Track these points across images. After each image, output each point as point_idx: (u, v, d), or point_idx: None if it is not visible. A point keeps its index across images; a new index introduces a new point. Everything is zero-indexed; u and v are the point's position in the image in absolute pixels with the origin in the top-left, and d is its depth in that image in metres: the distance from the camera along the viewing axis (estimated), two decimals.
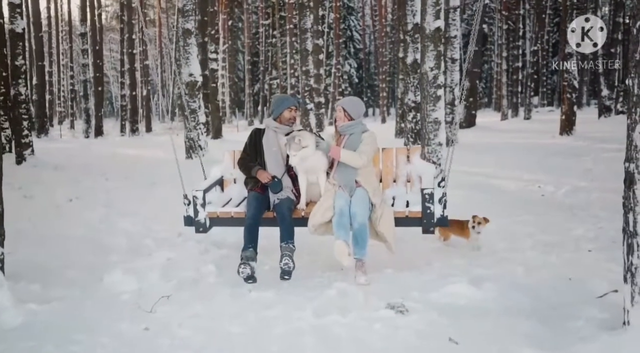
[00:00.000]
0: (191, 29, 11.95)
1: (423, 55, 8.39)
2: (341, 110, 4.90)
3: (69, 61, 34.63)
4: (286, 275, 4.39)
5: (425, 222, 4.63)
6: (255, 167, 4.97)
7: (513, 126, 21.59)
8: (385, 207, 4.69)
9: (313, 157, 4.71)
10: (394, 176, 5.21)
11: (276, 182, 4.84)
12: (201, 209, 4.93)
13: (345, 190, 4.71)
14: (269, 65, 35.96)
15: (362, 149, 4.76)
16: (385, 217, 4.59)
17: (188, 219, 5.03)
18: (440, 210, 4.64)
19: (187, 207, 5.02)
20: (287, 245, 4.51)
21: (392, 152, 5.23)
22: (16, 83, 12.71)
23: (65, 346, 3.33)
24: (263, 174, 4.89)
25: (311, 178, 4.89)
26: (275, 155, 4.99)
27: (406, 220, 4.68)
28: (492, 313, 3.77)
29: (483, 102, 43.18)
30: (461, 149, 13.51)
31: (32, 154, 12.72)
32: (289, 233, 4.57)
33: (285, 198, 4.83)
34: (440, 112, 8.45)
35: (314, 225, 4.63)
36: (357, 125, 4.90)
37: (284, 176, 4.95)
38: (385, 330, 3.52)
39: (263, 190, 4.90)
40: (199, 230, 4.98)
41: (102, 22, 29.00)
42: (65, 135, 28.13)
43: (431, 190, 4.58)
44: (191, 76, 11.83)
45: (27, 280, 4.50)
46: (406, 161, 5.19)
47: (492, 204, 7.62)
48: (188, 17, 11.97)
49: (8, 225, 6.54)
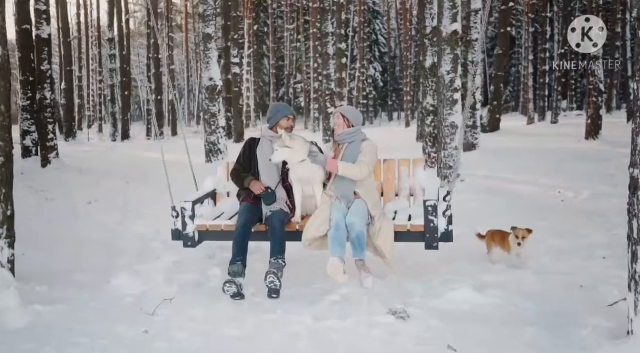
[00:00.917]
0: (211, 33, 12.06)
1: (439, 59, 8.32)
2: (340, 116, 4.63)
3: (98, 66, 35.25)
4: (273, 293, 4.15)
5: (427, 236, 4.25)
6: (248, 177, 4.70)
7: (538, 130, 21.25)
8: (384, 220, 4.38)
9: (308, 167, 4.44)
10: (395, 189, 4.89)
11: (269, 193, 4.57)
12: (189, 222, 4.62)
13: (343, 202, 4.43)
14: (294, 69, 36.10)
15: (361, 159, 4.46)
16: (384, 230, 4.29)
17: (175, 232, 4.69)
18: (444, 223, 4.27)
19: (175, 220, 4.67)
20: (276, 260, 4.23)
21: (393, 163, 4.91)
22: (41, 87, 12.99)
23: (64, 348, 3.36)
24: (256, 184, 4.62)
25: (307, 190, 4.59)
26: (270, 166, 4.69)
27: (407, 234, 4.33)
28: (495, 320, 3.70)
29: (510, 105, 42.61)
30: (482, 153, 13.43)
31: (56, 156, 12.97)
32: (279, 248, 4.30)
33: (278, 211, 4.54)
34: (456, 116, 8.36)
35: (308, 239, 4.35)
36: (356, 133, 4.60)
37: (278, 187, 4.69)
38: (383, 335, 3.48)
39: (256, 202, 4.63)
40: (187, 244, 4.66)
41: (129, 28, 29.48)
42: (93, 138, 28.63)
43: (434, 202, 4.20)
44: (211, 80, 11.93)
45: (36, 281, 4.58)
46: (409, 173, 4.87)
47: (507, 209, 7.53)
48: (208, 22, 12.09)
49: (25, 227, 6.69)
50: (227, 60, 19.85)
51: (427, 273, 4.67)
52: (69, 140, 22.62)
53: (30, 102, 13.73)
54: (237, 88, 20.41)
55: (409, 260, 4.95)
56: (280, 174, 4.71)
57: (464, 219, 6.97)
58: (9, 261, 4.43)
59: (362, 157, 4.46)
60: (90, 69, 38.34)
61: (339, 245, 4.19)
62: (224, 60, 20.34)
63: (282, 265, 4.24)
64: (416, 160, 4.91)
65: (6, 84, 4.36)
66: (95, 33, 35.08)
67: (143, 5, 36.82)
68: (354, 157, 4.47)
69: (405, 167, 4.88)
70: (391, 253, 4.29)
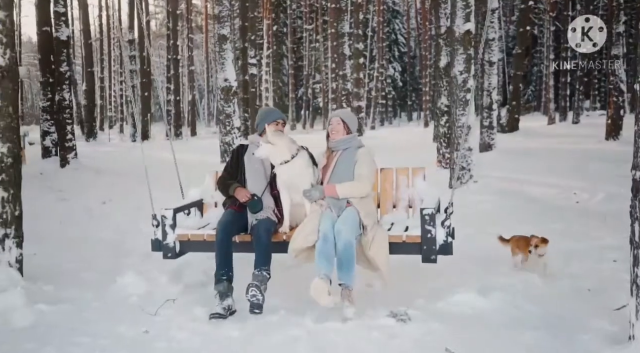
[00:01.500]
0: (226, 34, 12.13)
1: (452, 59, 8.26)
2: (340, 122, 4.27)
3: (119, 67, 35.69)
4: (256, 309, 3.81)
5: (425, 248, 3.88)
6: (233, 184, 4.39)
7: (559, 130, 20.97)
8: (378, 229, 4.01)
9: (293, 170, 4.13)
10: (393, 200, 4.51)
11: (255, 201, 4.25)
12: (170, 231, 4.32)
13: (334, 211, 4.04)
14: (312, 69, 36.14)
15: (359, 171, 4.11)
16: (377, 240, 3.90)
17: (155, 243, 4.39)
18: (443, 234, 3.92)
19: (156, 229, 4.39)
20: (260, 272, 3.92)
21: (391, 173, 4.53)
22: (60, 89, 13.19)
23: (65, 348, 3.41)
24: (241, 191, 4.31)
25: (295, 198, 4.24)
26: (257, 173, 4.41)
27: (403, 246, 3.97)
28: (496, 323, 3.66)
29: (532, 105, 42.10)
30: (498, 154, 13.29)
31: (75, 157, 13.16)
32: (263, 259, 3.99)
33: (265, 219, 4.21)
34: (470, 117, 8.27)
35: (295, 250, 3.97)
36: (353, 139, 4.27)
37: (266, 195, 4.36)
38: (382, 338, 3.47)
39: (241, 210, 4.31)
40: (167, 255, 4.34)
41: (150, 29, 29.80)
42: (114, 139, 29.01)
43: (432, 210, 3.85)
44: (226, 81, 12.00)
45: (43, 280, 4.64)
46: (408, 183, 4.48)
47: (520, 211, 7.45)
48: (224, 23, 12.17)
49: (38, 226, 6.80)
50: (245, 61, 19.93)
51: (432, 276, 4.63)
52: (90, 141, 22.96)
53: (50, 103, 13.96)
54: (254, 89, 20.47)
55: (414, 261, 4.91)
56: (269, 181, 4.42)
57: (474, 221, 6.94)
58: (17, 261, 4.50)
59: (359, 170, 4.11)
60: (112, 70, 38.83)
61: (326, 259, 3.80)
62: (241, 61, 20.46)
63: (267, 277, 3.94)
64: (415, 169, 4.51)
65: (14, 86, 4.43)
66: (117, 35, 35.52)
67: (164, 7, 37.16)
68: (348, 165, 4.14)
69: (404, 176, 4.50)
70: (386, 265, 3.89)
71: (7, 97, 4.36)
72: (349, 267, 3.80)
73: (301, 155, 4.22)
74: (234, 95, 12.09)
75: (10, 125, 4.40)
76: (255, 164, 4.42)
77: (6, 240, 4.41)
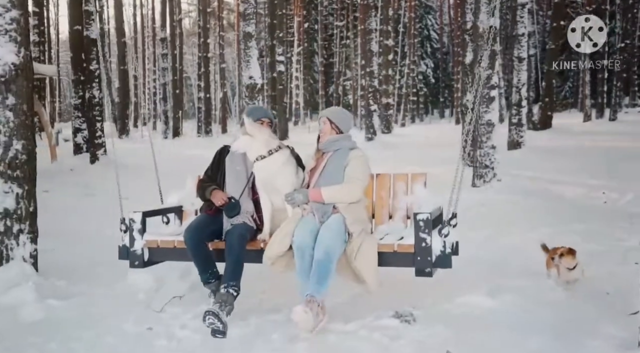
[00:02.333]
0: (251, 32, 12.14)
1: (476, 55, 8.10)
2: (327, 121, 3.91)
3: (153, 65, 36.24)
4: (217, 334, 3.41)
5: (419, 259, 3.40)
6: (210, 187, 4.04)
7: (594, 128, 20.44)
8: (366, 237, 3.57)
9: (270, 167, 3.79)
10: (389, 209, 4.02)
11: (232, 204, 3.89)
12: (138, 237, 3.96)
13: (317, 216, 3.63)
14: (343, 66, 36.02)
15: (350, 174, 3.71)
16: (364, 249, 3.46)
17: (123, 250, 4.04)
18: (440, 244, 3.43)
19: (124, 235, 4.02)
20: (226, 291, 3.55)
21: (388, 178, 4.06)
22: (90, 86, 13.45)
23: (68, 343, 3.45)
24: (217, 194, 3.95)
25: (277, 202, 3.85)
26: (238, 175, 4.06)
27: (394, 256, 3.50)
28: (503, 326, 3.56)
29: (569, 102, 41.11)
30: (527, 152, 13.04)
31: (104, 153, 13.41)
32: (232, 272, 3.61)
33: (240, 225, 3.84)
34: (493, 114, 8.13)
35: (270, 257, 3.60)
36: (344, 139, 3.90)
37: (245, 198, 3.99)
38: (383, 340, 3.40)
39: (216, 214, 3.99)
40: (134, 263, 4.00)
41: (182, 28, 30.17)
42: (146, 135, 29.44)
43: (427, 215, 3.37)
44: (251, 79, 12.00)
45: (57, 276, 4.70)
46: (406, 190, 4.00)
47: (544, 211, 7.28)
48: (249, 20, 12.19)
49: (61, 222, 6.95)
50: (273, 58, 19.99)
51: (442, 276, 4.52)
52: (123, 138, 23.37)
53: (82, 100, 14.27)
54: (282, 86, 20.51)
55: None
56: (250, 183, 4.04)
57: (494, 221, 6.81)
58: (32, 256, 4.58)
59: (350, 172, 3.72)
60: (147, 68, 39.48)
61: (308, 277, 3.45)
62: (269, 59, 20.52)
63: (233, 296, 3.57)
64: (415, 175, 4.02)
65: (28, 84, 4.51)
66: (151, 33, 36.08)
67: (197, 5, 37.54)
68: (338, 168, 3.74)
69: (402, 182, 4.03)
70: (372, 277, 3.47)
71: (21, 95, 4.44)
72: (321, 279, 3.41)
73: (282, 152, 3.87)
74: (259, 93, 12.11)
75: (24, 123, 4.48)
76: (237, 166, 4.09)
77: (20, 236, 4.49)
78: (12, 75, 4.38)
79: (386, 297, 4.14)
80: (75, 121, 14.83)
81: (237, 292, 3.60)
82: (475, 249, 5.65)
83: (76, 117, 14.72)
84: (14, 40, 4.38)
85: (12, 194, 4.42)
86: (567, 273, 4.20)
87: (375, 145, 16.61)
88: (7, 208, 4.41)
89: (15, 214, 4.45)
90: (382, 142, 17.17)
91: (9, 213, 4.41)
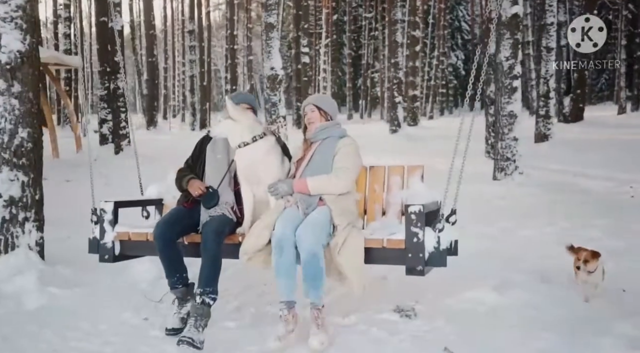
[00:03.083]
0: (273, 23, 12.06)
1: (498, 44, 7.87)
2: (314, 108, 3.60)
3: (182, 57, 36.54)
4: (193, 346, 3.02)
5: (410, 256, 3.06)
6: (187, 176, 3.73)
7: (628, 121, 19.78)
8: (352, 230, 3.21)
9: (257, 158, 3.47)
10: (383, 204, 3.67)
11: (210, 193, 3.56)
12: (109, 228, 3.65)
13: (300, 207, 3.33)
14: (371, 58, 35.73)
15: (338, 164, 3.42)
16: (350, 243, 3.12)
17: (93, 242, 3.72)
18: (433, 240, 3.08)
19: (94, 226, 3.73)
20: (201, 299, 3.17)
21: (381, 171, 3.72)
22: (115, 78, 13.57)
23: (62, 331, 3.42)
24: (195, 183, 3.63)
25: (259, 193, 3.53)
26: (219, 164, 3.71)
27: (383, 252, 3.16)
28: (508, 324, 3.42)
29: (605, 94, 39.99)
30: (555, 145, 12.68)
31: (128, 144, 13.53)
32: (208, 276, 3.23)
33: (217, 217, 3.48)
34: (516, 105, 7.89)
35: (247, 252, 3.27)
36: (333, 127, 3.60)
37: (225, 188, 3.63)
38: (381, 335, 3.30)
39: (193, 206, 3.64)
40: (104, 257, 3.69)
41: (210, 20, 30.30)
42: (174, 127, 29.73)
43: (419, 207, 3.04)
44: (272, 70, 11.95)
45: (65, 264, 4.68)
46: (402, 184, 3.66)
47: (566, 205, 7.06)
48: (271, 11, 12.10)
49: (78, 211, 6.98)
50: (298, 50, 19.88)
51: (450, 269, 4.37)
52: (150, 129, 23.59)
53: (108, 92, 14.42)
54: (307, 78, 20.40)
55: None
56: (230, 172, 3.69)
57: (513, 214, 6.62)
58: (37, 244, 4.58)
59: (339, 162, 3.43)
60: (176, 61, 39.82)
61: (286, 277, 3.15)
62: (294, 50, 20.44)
63: (209, 306, 3.20)
64: (412, 168, 3.67)
65: (34, 72, 4.50)
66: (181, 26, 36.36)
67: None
68: (326, 157, 3.46)
69: (397, 176, 3.69)
70: (357, 274, 3.12)
71: (27, 83, 4.44)
72: (315, 282, 3.12)
73: (266, 139, 3.54)
74: (280, 84, 12.05)
75: (30, 111, 4.48)
76: (218, 154, 3.74)
77: (26, 224, 4.49)
78: (18, 63, 4.38)
79: (389, 290, 4.04)
80: (101, 112, 15.02)
81: (214, 299, 3.24)
82: (490, 243, 5.50)
83: (102, 108, 14.90)
84: (20, 28, 4.38)
85: (17, 182, 4.42)
86: (587, 277, 3.80)
87: (399, 138, 16.40)
88: (13, 196, 4.41)
89: (21, 202, 4.45)
90: (406, 135, 16.92)
91: (14, 201, 4.42)
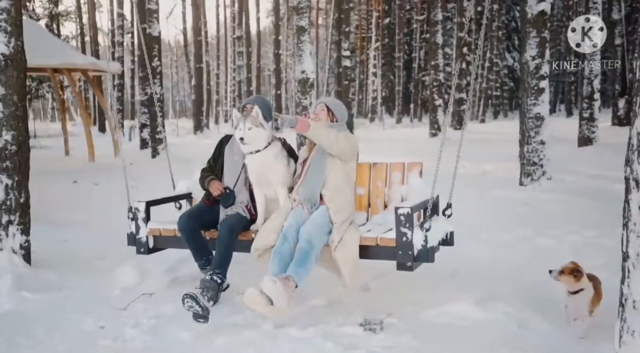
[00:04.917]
0: (305, 26, 11.94)
1: (524, 43, 7.44)
2: (324, 107, 3.89)
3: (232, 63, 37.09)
4: (199, 318, 3.50)
5: (400, 253, 3.32)
6: (208, 177, 4.13)
7: None
8: (349, 228, 3.50)
9: (265, 161, 3.82)
10: (384, 199, 3.98)
11: (228, 194, 3.97)
12: (142, 225, 4.17)
13: (306, 207, 3.65)
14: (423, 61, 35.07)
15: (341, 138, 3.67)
16: (345, 240, 3.41)
17: (131, 237, 4.25)
18: (421, 239, 3.31)
19: (131, 222, 4.23)
20: (210, 278, 3.63)
21: (383, 168, 4.02)
22: (152, 83, 13.76)
23: (15, 338, 3.34)
24: (214, 184, 4.04)
25: (269, 194, 3.93)
26: (236, 165, 4.08)
27: (376, 250, 3.45)
28: (484, 341, 3.12)
29: None
30: (599, 149, 11.99)
31: (165, 148, 13.70)
32: (218, 261, 3.71)
33: (233, 215, 3.91)
34: (543, 107, 7.44)
35: (257, 249, 3.59)
36: (338, 127, 3.81)
37: (241, 189, 4.05)
38: (335, 350, 3.06)
39: (214, 204, 4.10)
40: (140, 250, 4.20)
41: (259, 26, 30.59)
42: (222, 132, 30.12)
43: (407, 210, 3.29)
44: (303, 73, 11.83)
45: (51, 268, 4.62)
46: (402, 180, 3.96)
47: (593, 212, 6.57)
48: (302, 14, 11.99)
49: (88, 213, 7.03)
50: (339, 53, 19.71)
51: (441, 279, 4.10)
52: (197, 134, 23.96)
53: (148, 97, 14.69)
54: (347, 81, 20.19)
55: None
56: (244, 173, 4.05)
57: (534, 221, 6.22)
58: (22, 247, 4.54)
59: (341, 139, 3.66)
60: (228, 66, 40.46)
61: (280, 260, 3.39)
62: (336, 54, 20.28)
63: (217, 283, 3.62)
64: (412, 165, 3.96)
65: (19, 75, 4.49)
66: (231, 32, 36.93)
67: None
68: (327, 154, 3.69)
69: (398, 172, 3.98)
70: (350, 269, 3.37)
71: (11, 85, 4.43)
72: (299, 263, 3.32)
73: (274, 144, 3.92)
74: (311, 87, 11.91)
75: (15, 114, 4.47)
76: (235, 156, 4.09)
77: (10, 227, 4.47)
78: (2, 66, 4.38)
79: (367, 300, 3.80)
80: (141, 117, 15.30)
81: (221, 279, 3.66)
82: (502, 251, 5.15)
83: (142, 113, 15.19)
84: (4, 31, 4.39)
85: (1, 185, 4.42)
86: (567, 297, 3.30)
87: (437, 142, 15.92)
88: None
89: (5, 205, 4.44)
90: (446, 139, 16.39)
91: None
